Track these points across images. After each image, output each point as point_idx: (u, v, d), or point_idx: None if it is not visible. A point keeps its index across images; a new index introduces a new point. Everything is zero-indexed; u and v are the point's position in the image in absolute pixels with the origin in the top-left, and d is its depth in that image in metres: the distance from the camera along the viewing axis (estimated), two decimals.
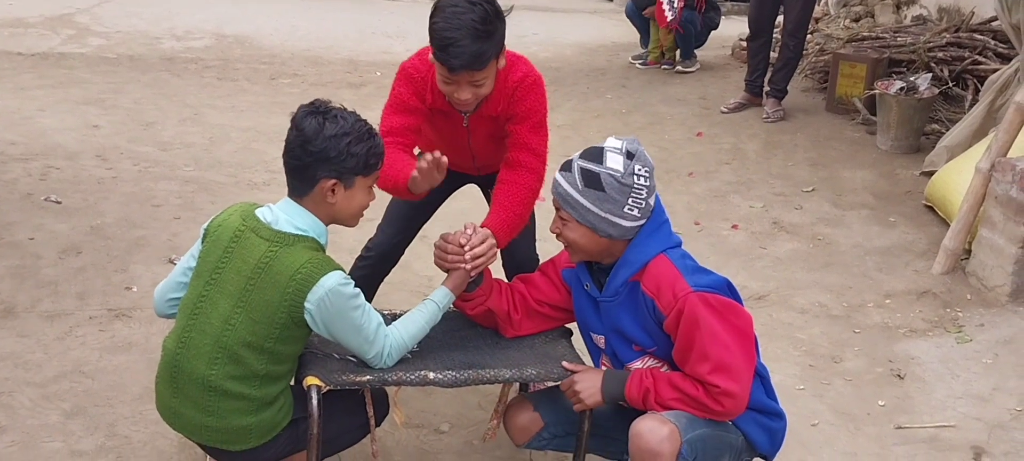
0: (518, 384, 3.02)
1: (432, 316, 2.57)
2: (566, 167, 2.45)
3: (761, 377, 2.54)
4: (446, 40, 2.56)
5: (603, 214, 2.38)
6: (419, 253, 4.61)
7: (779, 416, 2.58)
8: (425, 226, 3.40)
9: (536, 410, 2.67)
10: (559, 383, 2.59)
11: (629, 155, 2.37)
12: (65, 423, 3.07)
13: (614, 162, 2.36)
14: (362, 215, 2.52)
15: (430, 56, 2.69)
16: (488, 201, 3.35)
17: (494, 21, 2.61)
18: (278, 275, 2.30)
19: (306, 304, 2.30)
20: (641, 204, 2.39)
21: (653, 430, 2.30)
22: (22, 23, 9.17)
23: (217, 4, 10.93)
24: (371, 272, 3.26)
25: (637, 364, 2.52)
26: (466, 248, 2.64)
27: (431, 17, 2.63)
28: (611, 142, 2.41)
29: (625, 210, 2.37)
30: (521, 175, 2.89)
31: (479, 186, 3.38)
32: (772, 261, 4.92)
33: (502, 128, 2.94)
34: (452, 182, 3.28)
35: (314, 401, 2.40)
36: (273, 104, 7.42)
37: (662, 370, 2.48)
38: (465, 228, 2.69)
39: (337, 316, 2.33)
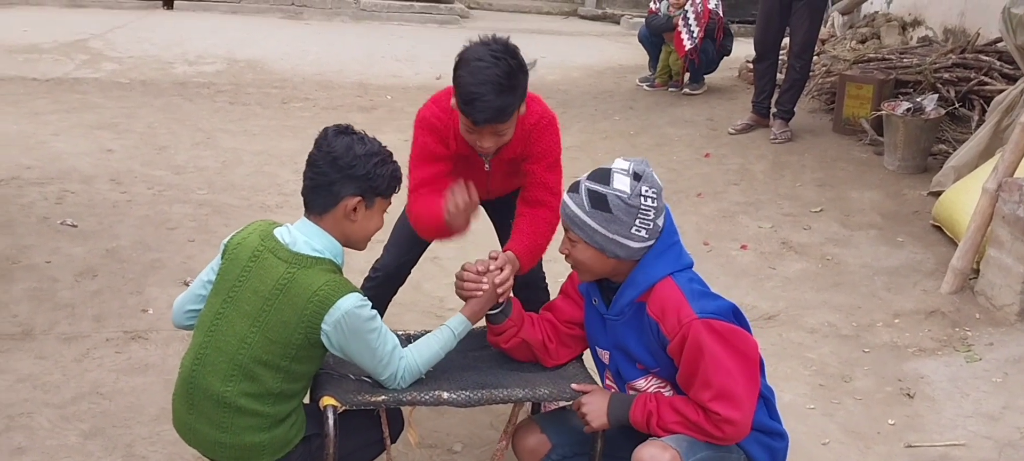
0: (529, 406, 3.07)
1: (447, 342, 2.61)
2: (574, 188, 2.48)
3: (765, 399, 2.55)
4: (471, 95, 2.65)
5: (610, 235, 2.40)
6: (430, 274, 4.67)
7: (781, 436, 2.58)
8: (436, 248, 3.45)
9: (543, 432, 2.67)
10: (569, 404, 2.62)
11: (636, 176, 2.40)
12: (84, 444, 3.11)
13: (621, 183, 2.39)
14: (371, 238, 2.59)
15: (453, 104, 2.76)
16: (494, 220, 3.45)
17: (517, 75, 2.69)
18: (296, 297, 2.35)
19: (323, 326, 2.35)
20: (649, 225, 2.41)
21: (655, 457, 2.32)
22: (37, 49, 9.27)
23: (228, 29, 11.03)
24: (378, 292, 3.31)
25: (640, 382, 2.53)
26: (485, 276, 2.66)
27: (456, 69, 2.71)
28: (619, 163, 2.44)
29: (632, 231, 2.39)
30: (539, 211, 2.98)
31: (486, 208, 3.42)
32: (781, 281, 4.95)
33: (519, 166, 3.02)
34: None
35: (330, 421, 2.44)
36: (285, 128, 7.49)
37: (665, 390, 2.51)
38: (489, 257, 2.72)
39: (353, 338, 2.38)
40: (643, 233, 2.41)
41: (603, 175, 2.43)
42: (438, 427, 3.39)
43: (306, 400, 2.57)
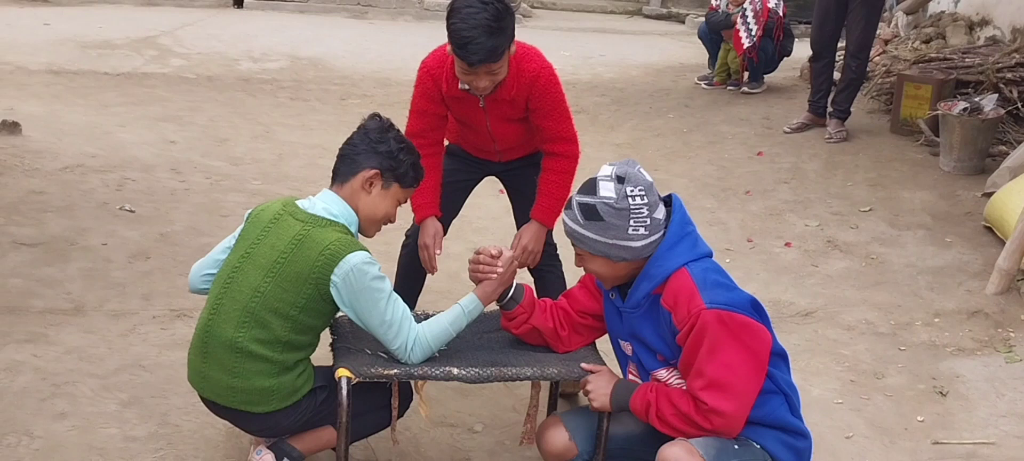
0: (549, 388, 3.13)
1: (457, 319, 2.69)
2: (568, 205, 2.51)
3: (787, 396, 2.51)
4: (464, 39, 2.83)
5: (610, 241, 2.42)
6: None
7: (804, 436, 2.54)
8: (476, 238, 3.55)
9: (572, 439, 2.66)
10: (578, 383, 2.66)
11: (620, 180, 2.40)
12: (121, 412, 3.26)
13: (606, 190, 2.40)
14: (380, 228, 2.76)
15: (448, 50, 2.96)
16: (510, 196, 3.59)
17: (505, 16, 2.88)
18: (309, 250, 2.52)
19: (333, 277, 2.49)
20: (645, 222, 2.41)
21: (679, 459, 2.33)
22: (109, 44, 9.63)
23: (294, 28, 11.31)
24: (411, 258, 3.46)
25: (662, 372, 2.54)
26: (499, 260, 2.75)
27: (448, 18, 2.90)
28: (604, 170, 2.45)
29: (630, 232, 2.41)
30: (559, 162, 3.25)
31: (501, 179, 3.58)
32: (822, 279, 4.90)
33: (519, 110, 3.17)
34: (475, 170, 3.52)
35: (344, 391, 2.54)
36: (341, 123, 7.64)
37: (685, 383, 2.50)
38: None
39: (361, 293, 2.51)
40: (642, 230, 2.42)
41: (590, 186, 2.45)
42: (461, 407, 3.46)
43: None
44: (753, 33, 8.39)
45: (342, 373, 2.56)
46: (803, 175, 6.48)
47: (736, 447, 2.40)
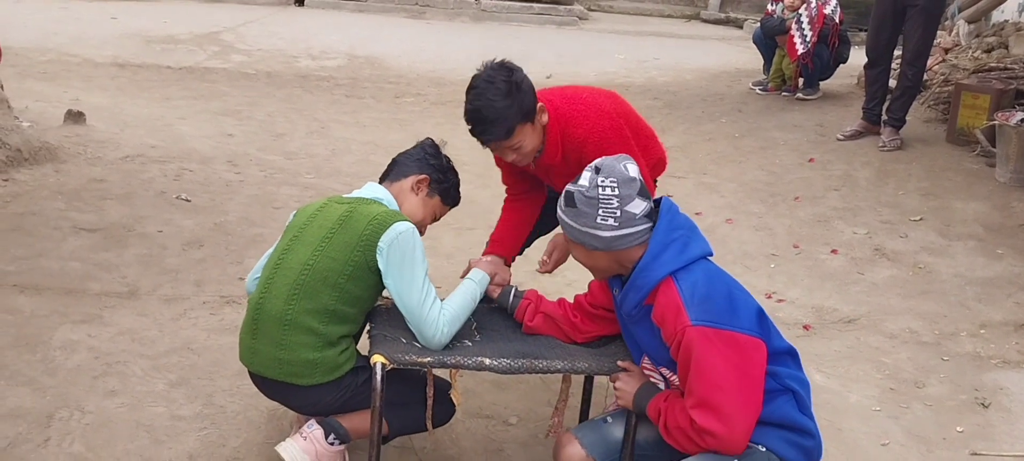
0: (583, 385, 3.17)
1: (469, 290, 2.81)
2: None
3: (794, 393, 2.46)
4: (472, 121, 2.84)
5: (581, 228, 2.44)
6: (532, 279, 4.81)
7: (812, 435, 2.48)
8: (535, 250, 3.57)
9: (589, 455, 2.65)
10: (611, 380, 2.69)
11: (597, 170, 2.43)
12: (169, 391, 3.38)
13: (583, 179, 2.44)
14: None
15: None
16: None
17: (512, 94, 2.78)
18: (356, 223, 2.68)
19: (380, 243, 2.64)
20: (615, 213, 2.40)
21: None
22: (173, 40, 9.90)
23: (353, 27, 11.49)
24: None
25: (664, 369, 2.53)
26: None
27: (466, 93, 2.88)
28: (595, 162, 2.47)
29: (598, 221, 2.41)
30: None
31: None
32: (868, 286, 4.87)
33: (573, 167, 3.03)
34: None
35: (378, 377, 2.60)
36: (394, 120, 7.78)
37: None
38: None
39: (404, 261, 2.64)
40: (611, 221, 2.41)
41: (579, 176, 2.49)
42: (497, 400, 3.52)
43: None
44: (808, 39, 8.32)
45: (377, 359, 2.63)
46: (854, 183, 6.42)
47: None
